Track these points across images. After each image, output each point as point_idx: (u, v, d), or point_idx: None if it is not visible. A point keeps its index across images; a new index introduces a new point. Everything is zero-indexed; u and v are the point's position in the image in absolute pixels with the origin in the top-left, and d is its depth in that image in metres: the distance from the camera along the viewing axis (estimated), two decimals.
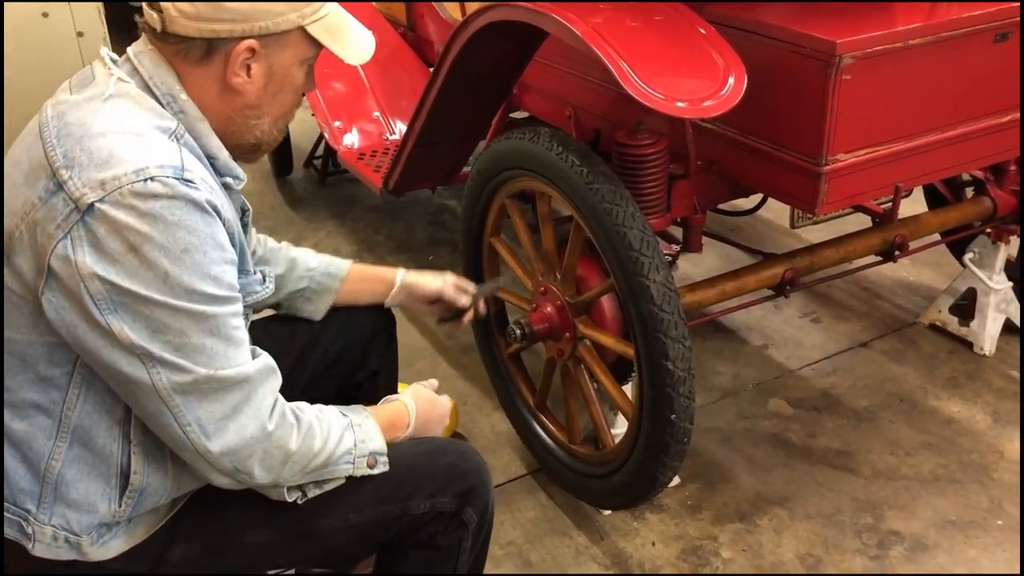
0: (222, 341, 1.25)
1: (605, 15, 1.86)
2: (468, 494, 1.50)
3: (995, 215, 2.54)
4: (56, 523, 1.32)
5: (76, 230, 1.19)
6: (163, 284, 1.19)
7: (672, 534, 2.20)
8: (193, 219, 1.21)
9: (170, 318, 1.21)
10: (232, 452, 1.28)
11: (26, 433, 1.30)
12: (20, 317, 1.27)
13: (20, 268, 1.25)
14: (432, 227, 3.71)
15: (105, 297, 1.19)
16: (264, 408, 1.30)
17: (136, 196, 1.18)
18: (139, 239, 1.18)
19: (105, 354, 1.22)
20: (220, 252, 1.25)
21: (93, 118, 1.26)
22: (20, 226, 1.24)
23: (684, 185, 2.14)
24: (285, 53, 1.34)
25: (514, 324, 2.13)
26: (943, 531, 2.18)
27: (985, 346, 2.78)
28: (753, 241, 3.32)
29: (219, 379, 1.24)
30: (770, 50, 1.88)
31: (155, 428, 1.28)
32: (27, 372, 1.29)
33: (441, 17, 3.26)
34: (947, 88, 1.99)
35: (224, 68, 1.31)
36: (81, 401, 1.30)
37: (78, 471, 1.31)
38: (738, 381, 2.74)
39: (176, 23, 1.27)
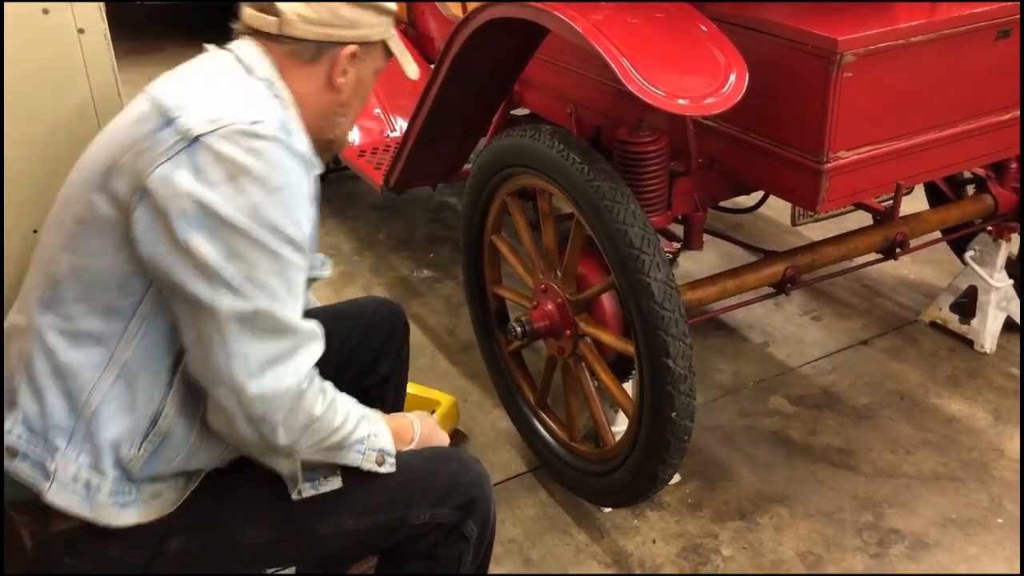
0: (284, 287, 1.31)
1: (607, 12, 1.86)
2: (469, 506, 1.50)
3: (996, 213, 2.54)
4: (83, 461, 1.35)
5: (179, 156, 1.28)
6: (250, 215, 1.28)
7: (672, 532, 2.20)
8: (291, 165, 1.33)
9: (247, 249, 1.28)
10: (265, 399, 1.30)
11: (76, 363, 1.35)
12: (102, 242, 1.34)
13: (116, 190, 1.32)
14: (433, 225, 3.71)
15: (192, 216, 1.27)
16: (303, 367, 1.33)
17: (242, 134, 1.29)
18: (238, 170, 1.28)
19: (179, 271, 1.28)
20: (306, 204, 1.36)
21: (205, 81, 1.40)
22: (125, 155, 1.33)
23: (685, 182, 2.14)
24: (370, 62, 1.53)
25: (515, 322, 2.13)
26: (943, 529, 2.18)
27: (986, 344, 2.78)
28: (754, 239, 3.31)
29: (274, 318, 1.30)
30: (771, 47, 1.88)
31: (203, 357, 1.30)
32: (94, 301, 1.35)
33: (442, 14, 3.26)
34: (948, 86, 1.98)
35: (330, 69, 1.47)
36: (138, 337, 1.35)
37: (115, 409, 1.35)
38: (739, 379, 2.74)
39: (294, 26, 1.43)
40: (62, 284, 1.37)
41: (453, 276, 3.30)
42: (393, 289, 3.24)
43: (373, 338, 1.89)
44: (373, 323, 1.90)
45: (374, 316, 1.91)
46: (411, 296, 3.20)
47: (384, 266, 3.41)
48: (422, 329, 3.01)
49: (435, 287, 3.27)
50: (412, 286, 3.28)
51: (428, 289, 3.26)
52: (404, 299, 3.18)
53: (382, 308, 1.95)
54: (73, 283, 1.36)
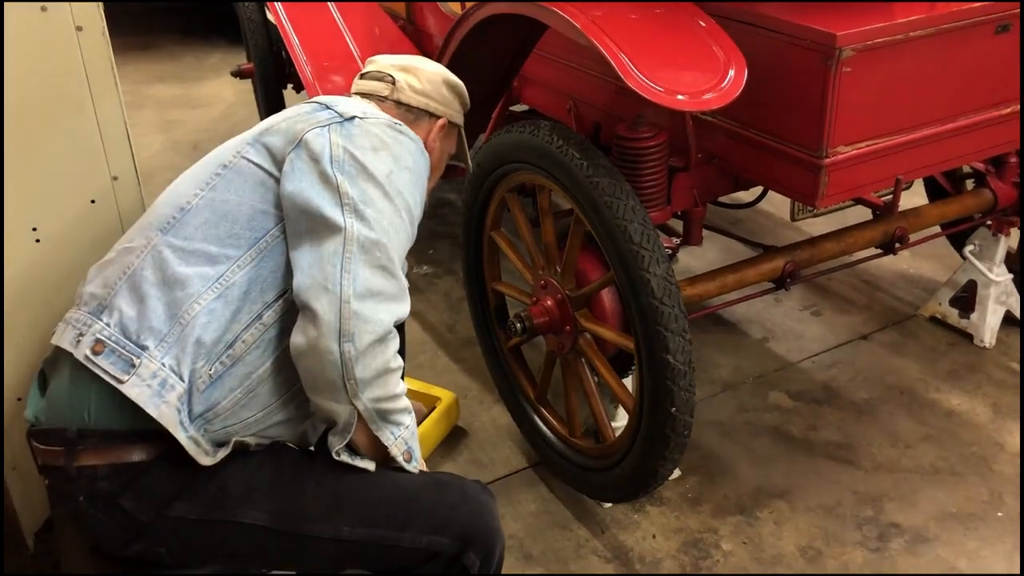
0: (398, 240, 1.50)
1: (605, 8, 1.86)
2: (469, 538, 1.50)
3: (995, 207, 2.54)
4: (167, 362, 1.42)
5: (334, 127, 1.53)
6: (386, 176, 1.50)
7: (673, 527, 2.20)
8: (420, 159, 1.60)
9: (380, 199, 1.48)
10: (362, 318, 1.40)
11: (185, 276, 1.47)
12: (242, 183, 1.53)
13: (271, 143, 1.55)
14: (432, 221, 3.71)
15: (342, 161, 1.49)
16: (395, 314, 1.46)
17: (387, 126, 1.57)
18: (381, 144, 1.53)
19: (318, 200, 1.45)
20: (421, 194, 1.60)
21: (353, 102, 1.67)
22: (283, 122, 1.57)
23: (684, 178, 2.14)
24: (449, 141, 1.84)
25: (514, 318, 2.14)
26: (943, 523, 2.18)
27: (985, 338, 2.78)
28: (753, 234, 3.32)
29: (389, 256, 1.46)
30: (770, 43, 1.88)
31: (316, 271, 1.41)
32: (219, 227, 1.50)
33: (441, 11, 3.25)
34: (947, 80, 1.98)
35: (426, 136, 1.74)
36: (249, 266, 1.48)
37: (208, 322, 1.44)
38: (738, 374, 2.74)
39: (404, 93, 1.74)
40: (191, 212, 1.52)
41: (453, 272, 3.30)
42: None
43: None
44: None
45: None
46: (411, 292, 3.18)
47: None
48: (422, 325, 3.02)
49: (435, 283, 3.27)
50: (412, 282, 3.24)
51: (428, 285, 3.26)
52: None
53: None
54: (203, 211, 1.51)
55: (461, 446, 2.49)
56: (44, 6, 1.62)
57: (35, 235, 1.72)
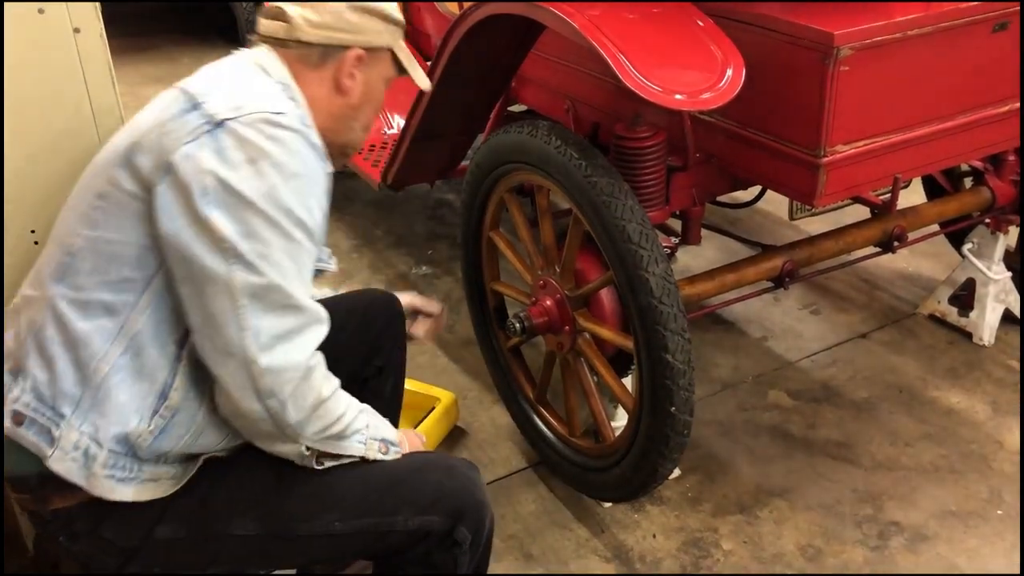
0: (295, 268, 1.36)
1: (602, 8, 1.86)
2: (459, 513, 1.50)
3: (994, 205, 2.54)
4: (85, 429, 1.37)
5: (203, 138, 1.34)
6: (267, 196, 1.33)
7: (673, 526, 2.20)
8: (309, 156, 1.40)
9: (263, 228, 1.33)
10: (275, 372, 1.34)
11: (86, 333, 1.38)
12: (121, 218, 1.38)
13: (140, 165, 1.37)
14: (431, 221, 3.71)
15: (213, 192, 1.32)
16: (310, 345, 1.38)
17: (265, 122, 1.36)
18: (259, 154, 1.34)
19: (196, 246, 1.32)
20: (320, 194, 1.42)
21: (231, 76, 1.47)
22: (150, 134, 1.38)
23: (683, 178, 2.14)
24: (378, 68, 1.59)
25: (514, 318, 2.14)
26: (943, 521, 2.18)
27: (984, 336, 2.78)
28: (752, 233, 3.32)
29: (285, 294, 1.34)
30: (768, 42, 1.88)
31: (212, 334, 1.34)
32: (109, 273, 1.38)
33: (439, 11, 3.25)
34: (945, 79, 1.98)
35: (336, 72, 1.53)
36: (150, 309, 1.38)
37: (122, 379, 1.38)
38: (738, 373, 2.75)
39: (301, 30, 1.50)
40: (78, 256, 1.40)
41: (452, 272, 3.30)
42: (392, 286, 3.24)
43: (368, 331, 1.90)
44: (368, 315, 1.92)
45: (369, 308, 1.93)
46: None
47: (382, 263, 3.42)
48: None
49: (434, 283, 3.27)
50: (411, 283, 3.28)
51: (427, 286, 3.26)
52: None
53: (377, 300, 1.97)
54: (89, 255, 1.40)
55: (461, 446, 2.49)
56: (41, 8, 1.62)
57: (33, 237, 1.72)
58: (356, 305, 1.93)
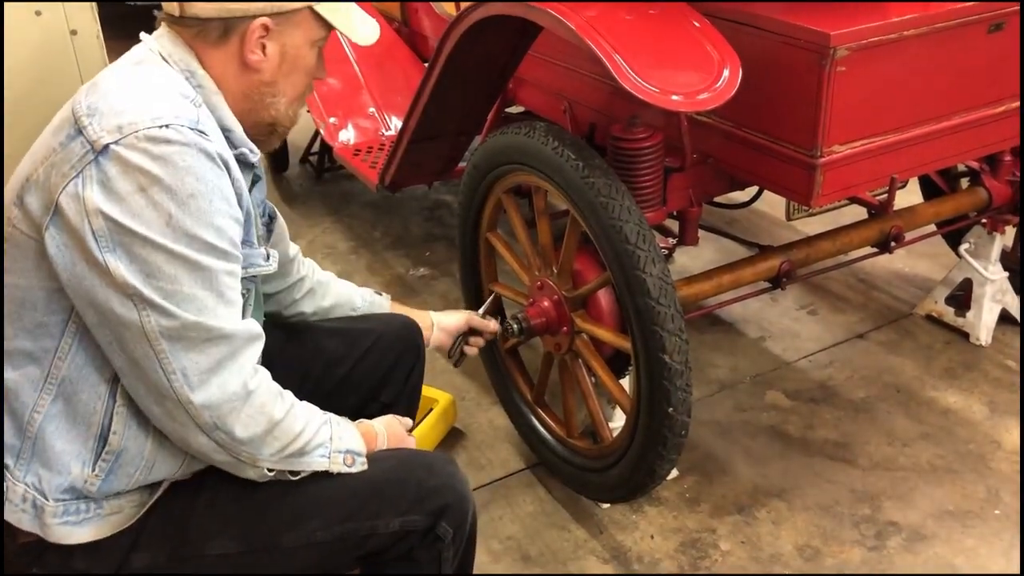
0: (213, 295, 1.28)
1: (599, 9, 1.86)
2: (440, 510, 1.47)
3: (990, 205, 2.55)
4: (29, 481, 1.32)
5: (88, 170, 1.24)
6: (165, 226, 1.23)
7: (671, 527, 2.20)
8: (203, 167, 1.26)
9: (166, 263, 1.24)
10: (213, 406, 1.29)
11: (14, 383, 1.33)
12: (24, 260, 1.31)
13: (30, 207, 1.28)
14: (428, 223, 3.71)
15: (106, 235, 1.23)
16: (247, 368, 1.32)
17: (150, 140, 1.24)
18: (148, 180, 1.23)
19: (100, 293, 1.24)
20: (226, 205, 1.30)
21: (121, 78, 1.34)
22: (38, 169, 1.29)
23: (680, 178, 2.14)
24: (296, 32, 1.41)
25: (511, 319, 2.14)
26: (941, 521, 2.18)
27: (981, 336, 2.79)
28: (749, 234, 3.32)
29: (205, 328, 1.26)
30: (764, 42, 1.88)
31: (139, 378, 1.28)
32: (23, 319, 1.32)
33: (436, 12, 3.26)
34: (942, 79, 1.99)
35: (241, 47, 1.38)
36: (72, 353, 1.32)
37: (58, 427, 1.32)
38: (735, 373, 2.75)
39: (194, 6, 1.35)
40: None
41: (449, 274, 3.30)
42: (389, 288, 3.24)
43: (379, 362, 1.82)
44: (380, 346, 1.83)
45: (381, 339, 1.84)
46: (407, 294, 3.20)
47: (380, 264, 3.42)
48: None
49: (431, 285, 3.27)
50: (408, 284, 3.28)
51: (424, 287, 3.26)
52: (400, 297, 3.18)
53: (393, 330, 1.87)
54: (6, 302, 1.33)
55: (458, 448, 2.49)
56: (39, 10, 1.62)
57: None
58: (367, 334, 1.84)
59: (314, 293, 1.85)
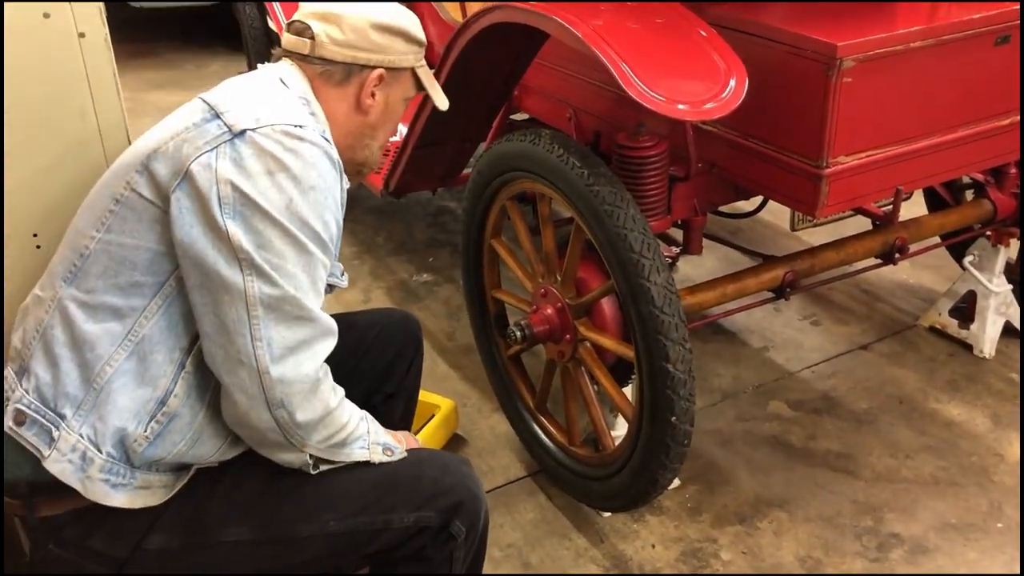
0: (309, 280, 1.38)
1: (606, 17, 1.87)
2: (455, 508, 1.50)
3: (995, 218, 2.54)
4: (84, 432, 1.37)
5: (223, 147, 1.36)
6: (284, 208, 1.35)
7: (672, 536, 2.20)
8: (326, 168, 1.41)
9: (278, 239, 1.34)
10: (285, 382, 1.35)
11: (93, 335, 1.39)
12: (137, 222, 1.40)
13: (157, 172, 1.38)
14: (432, 228, 3.71)
15: (231, 202, 1.33)
16: (320, 357, 1.40)
17: (285, 134, 1.38)
18: (277, 166, 1.35)
19: (211, 254, 1.33)
20: (335, 205, 1.43)
21: (251, 87, 1.49)
22: (169, 143, 1.40)
23: (685, 187, 2.14)
24: (399, 87, 1.61)
25: (514, 326, 2.13)
26: (943, 534, 2.18)
27: (985, 349, 2.78)
28: (753, 243, 3.32)
29: (299, 305, 1.36)
30: (771, 52, 1.88)
31: (224, 342, 1.35)
32: (119, 276, 1.39)
33: (441, 19, 3.26)
34: (948, 91, 1.99)
35: (358, 91, 1.56)
36: (158, 315, 1.39)
37: (125, 383, 1.38)
38: (738, 383, 2.74)
39: (325, 48, 1.52)
40: (90, 259, 1.41)
41: (452, 280, 3.30)
42: (392, 293, 3.25)
43: (382, 354, 1.89)
44: (383, 337, 1.91)
45: (384, 331, 1.92)
46: (410, 300, 3.20)
47: (384, 270, 3.42)
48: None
49: (434, 291, 3.27)
50: (411, 290, 3.28)
51: (427, 293, 3.26)
52: (403, 303, 3.19)
53: (394, 323, 1.95)
54: (102, 257, 1.41)
55: (460, 454, 2.48)
56: (47, 12, 1.62)
57: (36, 241, 1.71)
58: (371, 327, 1.91)
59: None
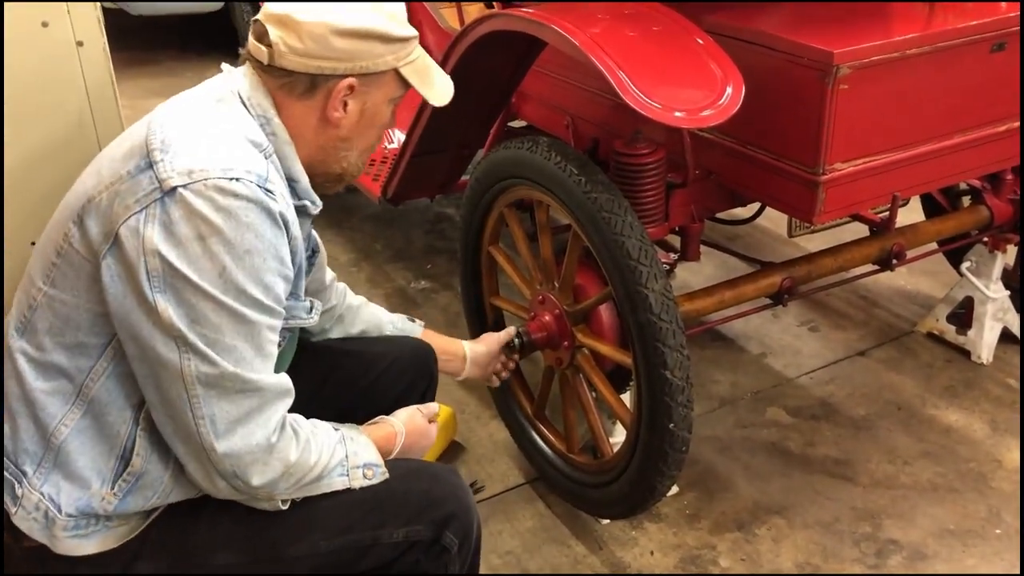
0: (252, 348, 1.30)
1: (603, 25, 1.87)
2: (445, 520, 1.47)
3: (992, 224, 2.55)
4: (45, 491, 1.34)
5: (153, 208, 1.26)
6: (217, 277, 1.26)
7: (670, 543, 2.19)
8: (263, 226, 1.29)
9: (212, 312, 1.26)
10: (235, 456, 1.30)
11: (44, 394, 1.35)
12: (76, 280, 1.34)
13: (90, 230, 1.31)
14: (430, 236, 3.71)
15: (160, 275, 1.25)
16: (272, 421, 1.33)
17: (218, 191, 1.26)
18: (209, 230, 1.25)
19: (144, 329, 1.27)
20: (278, 264, 1.32)
21: (200, 115, 1.37)
22: (103, 193, 1.31)
23: (682, 194, 2.15)
24: (379, 92, 1.44)
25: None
26: (941, 540, 2.18)
27: (983, 355, 2.78)
28: (751, 250, 3.32)
29: (241, 379, 1.29)
30: (768, 60, 1.89)
31: (169, 416, 1.31)
32: (65, 336, 1.35)
33: (439, 27, 3.27)
34: (944, 98, 1.99)
35: (324, 103, 1.40)
36: (106, 376, 1.34)
37: (82, 443, 1.35)
38: (736, 390, 2.74)
39: (284, 58, 1.36)
40: (37, 312, 1.37)
41: (450, 287, 3.30)
42: (390, 300, 3.25)
43: (391, 387, 1.82)
44: (393, 371, 1.83)
45: (395, 363, 1.84)
46: (408, 307, 3.20)
47: (382, 277, 3.42)
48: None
49: (432, 298, 3.27)
50: (409, 297, 3.28)
51: (425, 300, 3.26)
52: (401, 310, 3.16)
53: (407, 355, 1.87)
54: (47, 313, 1.36)
55: (458, 461, 2.48)
56: (45, 21, 1.62)
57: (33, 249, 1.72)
58: (383, 357, 1.84)
59: (343, 320, 1.87)
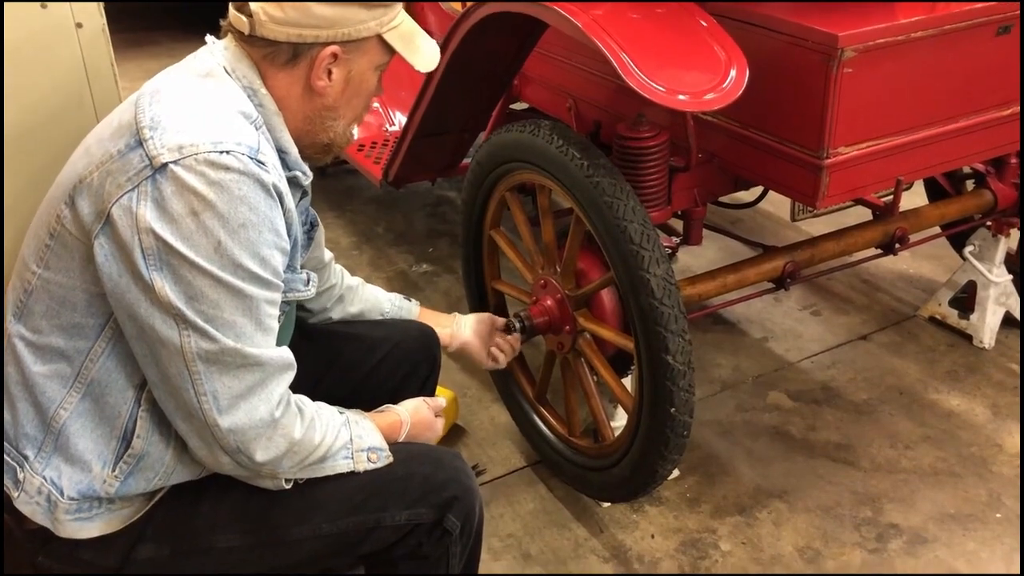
0: (252, 322, 1.29)
1: (606, 7, 1.86)
2: (448, 503, 1.48)
3: (995, 208, 2.54)
4: (47, 475, 1.34)
5: (144, 185, 1.25)
6: (213, 252, 1.24)
7: (671, 527, 2.20)
8: (257, 198, 1.27)
9: (210, 288, 1.25)
10: (239, 431, 1.30)
11: (43, 377, 1.34)
12: (69, 260, 1.32)
13: (81, 211, 1.29)
14: (431, 219, 3.70)
15: (155, 253, 1.24)
16: (275, 396, 1.33)
17: (209, 164, 1.24)
18: (202, 205, 1.23)
19: (142, 308, 1.26)
20: (274, 236, 1.31)
21: (187, 90, 1.35)
22: (94, 173, 1.30)
23: (685, 178, 2.14)
24: (363, 59, 1.42)
25: (514, 317, 2.13)
26: (942, 524, 2.18)
27: (985, 339, 2.78)
28: (754, 234, 3.31)
29: (241, 354, 1.28)
30: (772, 43, 1.87)
31: (170, 394, 1.30)
32: (61, 318, 1.34)
33: (441, 8, 3.25)
34: (948, 81, 1.98)
35: (308, 72, 1.39)
36: (104, 356, 1.33)
37: (83, 425, 1.34)
38: (738, 374, 2.74)
39: (265, 27, 1.35)
40: (33, 296, 1.36)
41: (452, 270, 3.30)
42: (392, 283, 3.24)
43: (393, 372, 1.82)
44: (395, 355, 1.83)
45: (398, 347, 1.84)
46: (410, 290, 3.19)
47: (383, 260, 3.41)
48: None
49: (434, 281, 3.27)
50: (411, 280, 3.28)
51: (427, 283, 3.26)
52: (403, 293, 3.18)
53: (410, 339, 1.87)
54: (43, 296, 1.35)
55: (459, 445, 2.48)
56: (44, 3, 1.62)
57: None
58: (385, 341, 1.84)
59: (343, 300, 1.87)
